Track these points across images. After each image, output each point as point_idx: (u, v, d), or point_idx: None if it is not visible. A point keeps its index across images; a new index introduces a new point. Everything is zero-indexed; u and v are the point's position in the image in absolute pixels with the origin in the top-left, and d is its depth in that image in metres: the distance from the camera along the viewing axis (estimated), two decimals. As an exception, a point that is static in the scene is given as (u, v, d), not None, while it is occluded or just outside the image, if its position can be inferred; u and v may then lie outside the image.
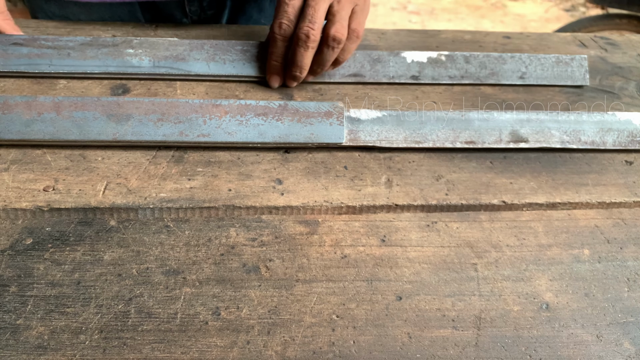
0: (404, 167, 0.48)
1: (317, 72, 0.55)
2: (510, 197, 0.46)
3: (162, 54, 0.55)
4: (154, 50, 0.55)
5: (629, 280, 0.41)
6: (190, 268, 0.39)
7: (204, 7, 0.71)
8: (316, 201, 0.44)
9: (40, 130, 0.45)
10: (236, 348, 0.35)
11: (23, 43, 0.54)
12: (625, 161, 0.52)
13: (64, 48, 0.54)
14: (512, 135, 0.51)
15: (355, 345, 0.35)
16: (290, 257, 0.40)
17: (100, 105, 0.47)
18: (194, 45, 0.56)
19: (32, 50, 0.54)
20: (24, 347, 0.33)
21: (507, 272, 0.41)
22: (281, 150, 0.49)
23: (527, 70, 0.61)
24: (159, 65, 0.55)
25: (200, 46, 0.56)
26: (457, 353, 0.35)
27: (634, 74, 0.66)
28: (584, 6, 3.31)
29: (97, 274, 0.38)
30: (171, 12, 0.70)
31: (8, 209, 0.41)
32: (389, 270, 0.40)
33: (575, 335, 0.37)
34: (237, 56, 0.56)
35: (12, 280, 0.37)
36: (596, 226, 0.45)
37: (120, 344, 0.34)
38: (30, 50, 0.54)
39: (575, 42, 0.73)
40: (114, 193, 0.43)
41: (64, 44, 0.54)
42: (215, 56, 0.56)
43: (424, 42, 0.68)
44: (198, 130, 0.47)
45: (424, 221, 0.44)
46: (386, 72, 0.59)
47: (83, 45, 0.54)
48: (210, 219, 0.42)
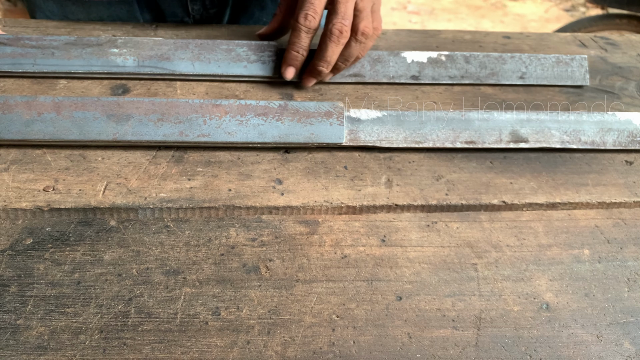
0: (404, 167, 0.48)
1: (340, 68, 0.55)
2: (510, 197, 0.46)
3: (146, 53, 0.55)
4: (139, 50, 0.55)
5: (629, 280, 0.41)
6: (190, 268, 0.39)
7: (206, 6, 0.71)
8: (316, 201, 0.44)
9: (40, 130, 0.45)
10: (236, 348, 0.35)
11: (6, 42, 0.54)
12: (625, 161, 0.52)
13: (48, 47, 0.54)
14: (512, 135, 0.51)
15: (355, 346, 0.35)
16: (290, 257, 0.40)
17: (100, 105, 0.47)
18: (179, 44, 0.56)
19: (16, 50, 0.53)
20: (24, 347, 0.33)
21: (507, 272, 0.41)
22: (281, 150, 0.49)
23: (527, 70, 0.61)
24: (144, 64, 0.54)
25: (185, 45, 0.56)
26: (457, 353, 0.35)
27: (634, 74, 0.66)
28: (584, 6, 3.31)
29: (97, 274, 0.38)
30: (173, 11, 0.70)
31: (8, 209, 0.41)
32: (389, 270, 0.40)
33: (575, 336, 0.37)
34: (222, 55, 0.56)
35: (12, 280, 0.37)
36: (596, 226, 0.45)
37: (120, 344, 0.34)
38: (14, 49, 0.53)
39: (575, 42, 0.73)
40: (114, 193, 0.43)
41: (48, 44, 0.54)
42: (200, 55, 0.55)
43: (424, 42, 0.68)
44: (198, 130, 0.47)
45: (424, 221, 0.44)
46: (386, 72, 0.59)
47: (67, 45, 0.54)
48: (210, 219, 0.42)
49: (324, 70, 0.54)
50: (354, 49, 0.53)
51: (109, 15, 0.68)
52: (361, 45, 0.53)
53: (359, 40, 0.52)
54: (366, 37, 0.52)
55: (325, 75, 0.55)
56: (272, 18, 0.60)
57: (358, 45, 0.53)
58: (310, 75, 0.55)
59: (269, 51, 0.57)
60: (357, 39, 0.52)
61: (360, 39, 0.52)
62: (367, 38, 0.52)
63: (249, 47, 0.56)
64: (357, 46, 0.53)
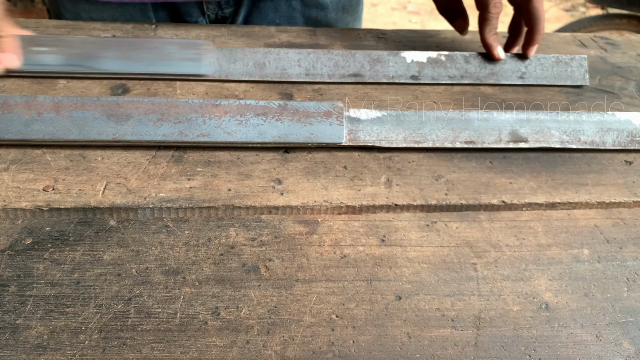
0: (404, 167, 0.48)
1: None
2: (510, 197, 0.46)
3: (74, 51, 0.54)
4: (67, 49, 0.54)
5: (629, 280, 0.41)
6: (189, 268, 0.39)
7: (221, 6, 0.71)
8: (316, 201, 0.44)
9: (40, 130, 0.45)
10: (236, 348, 0.35)
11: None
12: (625, 161, 0.52)
13: None
14: (511, 135, 0.51)
15: (355, 345, 0.35)
16: (289, 257, 0.40)
17: (100, 105, 0.47)
18: (107, 43, 0.55)
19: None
20: (24, 347, 0.33)
21: (506, 272, 0.41)
22: (281, 150, 0.49)
23: (526, 70, 0.61)
24: (70, 63, 0.54)
25: (114, 44, 0.55)
26: (456, 353, 0.35)
27: (634, 74, 0.66)
28: (584, 6, 3.31)
29: (97, 273, 0.38)
30: (188, 11, 0.70)
31: (8, 209, 0.41)
32: (388, 270, 0.40)
33: (575, 335, 0.37)
34: (149, 54, 0.55)
35: (11, 280, 0.37)
36: (596, 226, 0.45)
37: (120, 344, 0.34)
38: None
39: (575, 42, 0.73)
40: (114, 193, 0.43)
41: None
42: (128, 54, 0.55)
43: (424, 42, 0.68)
44: (198, 130, 0.47)
45: (424, 221, 0.44)
46: (386, 72, 0.59)
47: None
48: (210, 218, 0.43)
49: (544, 30, 0.59)
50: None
51: (121, 14, 0.68)
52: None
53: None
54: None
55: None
56: (461, 12, 0.64)
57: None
58: (536, 44, 0.60)
59: (197, 49, 0.56)
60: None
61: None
62: None
63: (179, 45, 0.56)
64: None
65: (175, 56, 0.55)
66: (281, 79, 0.57)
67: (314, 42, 0.65)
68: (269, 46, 0.63)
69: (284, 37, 0.66)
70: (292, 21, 0.74)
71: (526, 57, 0.61)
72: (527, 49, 0.60)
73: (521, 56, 0.61)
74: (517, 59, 0.61)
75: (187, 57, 0.56)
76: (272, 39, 0.65)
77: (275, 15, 0.75)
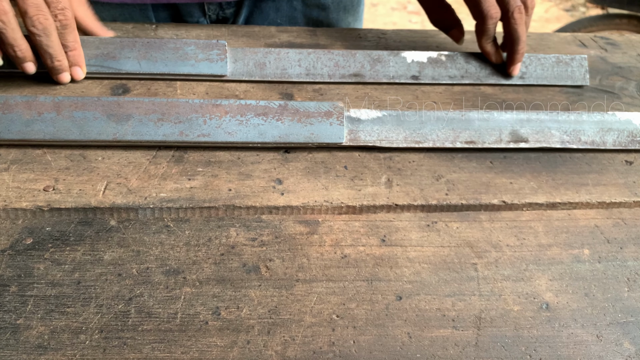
0: (404, 167, 0.48)
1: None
2: (510, 197, 0.46)
3: (92, 52, 0.54)
4: (85, 49, 0.54)
5: (629, 280, 0.41)
6: (190, 268, 0.39)
7: (222, 7, 0.71)
8: (316, 201, 0.44)
9: (41, 130, 0.45)
10: (236, 348, 0.35)
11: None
12: (625, 161, 0.52)
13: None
14: (512, 135, 0.51)
15: (355, 345, 0.35)
16: (290, 257, 0.40)
17: (101, 105, 0.47)
18: (125, 43, 0.55)
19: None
20: (24, 347, 0.33)
21: (507, 272, 0.41)
22: (281, 150, 0.49)
23: (527, 70, 0.61)
24: (89, 63, 0.54)
25: (132, 44, 0.55)
26: (457, 353, 0.36)
27: (634, 74, 0.66)
28: (584, 6, 3.31)
29: (97, 273, 0.38)
30: (189, 12, 0.70)
31: (8, 208, 0.41)
32: (389, 270, 0.40)
33: (575, 335, 0.37)
34: (169, 54, 0.55)
35: (12, 280, 0.37)
36: (596, 226, 0.45)
37: (121, 344, 0.34)
38: None
39: (575, 42, 0.73)
40: (114, 193, 0.43)
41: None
42: (147, 54, 0.55)
43: (424, 42, 0.68)
44: (198, 130, 0.47)
45: (424, 221, 0.44)
46: (386, 72, 0.59)
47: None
48: (210, 218, 0.43)
49: (524, 50, 0.59)
50: (528, 22, 0.59)
51: (121, 14, 0.68)
52: (529, 18, 0.59)
53: (529, 14, 0.58)
54: (532, 7, 0.58)
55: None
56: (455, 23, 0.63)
57: (529, 19, 0.58)
58: (517, 63, 0.60)
59: (218, 49, 0.56)
60: (528, 13, 0.58)
61: (530, 13, 0.58)
62: (532, 8, 0.58)
63: (197, 45, 0.56)
64: (528, 19, 0.58)
65: (197, 57, 0.56)
66: (281, 79, 0.57)
67: (315, 42, 0.65)
68: (269, 46, 0.63)
69: (285, 37, 0.66)
70: (293, 21, 0.74)
71: (510, 75, 0.60)
72: (508, 68, 0.60)
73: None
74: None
75: (208, 58, 0.56)
76: (273, 39, 0.65)
77: (276, 15, 0.75)
